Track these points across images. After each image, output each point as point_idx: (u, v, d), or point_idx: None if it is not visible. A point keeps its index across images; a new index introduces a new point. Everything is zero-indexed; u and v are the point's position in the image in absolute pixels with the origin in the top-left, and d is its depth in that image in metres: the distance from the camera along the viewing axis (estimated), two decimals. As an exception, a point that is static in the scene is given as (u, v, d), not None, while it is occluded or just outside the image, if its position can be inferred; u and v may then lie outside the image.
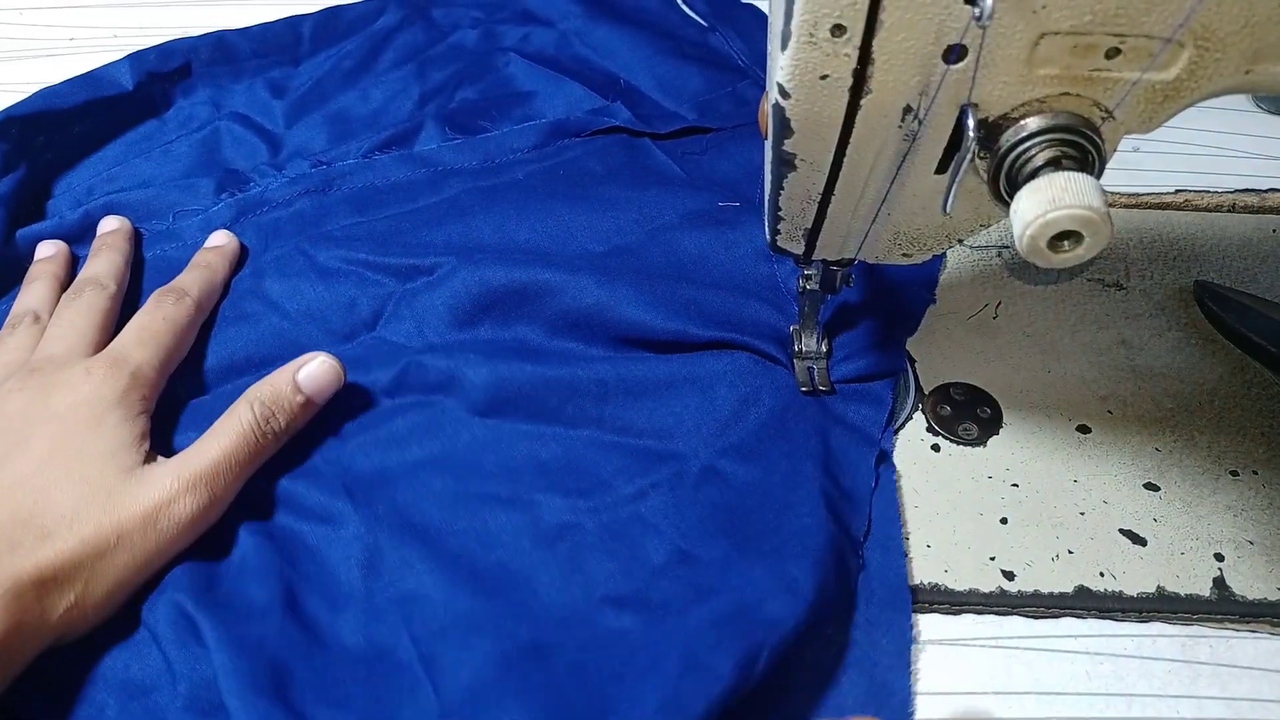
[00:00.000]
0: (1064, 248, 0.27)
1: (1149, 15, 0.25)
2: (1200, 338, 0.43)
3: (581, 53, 0.56)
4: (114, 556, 0.32)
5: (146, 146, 0.51)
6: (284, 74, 0.55)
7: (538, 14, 0.59)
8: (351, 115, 0.53)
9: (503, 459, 0.38)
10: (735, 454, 0.38)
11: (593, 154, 0.50)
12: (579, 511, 0.36)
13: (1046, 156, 0.27)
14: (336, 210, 0.47)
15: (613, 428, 0.39)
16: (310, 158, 0.50)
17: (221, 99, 0.54)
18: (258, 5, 0.59)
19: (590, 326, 0.41)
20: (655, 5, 0.60)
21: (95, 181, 0.49)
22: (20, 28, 0.59)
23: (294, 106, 0.53)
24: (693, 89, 0.54)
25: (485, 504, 0.36)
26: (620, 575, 0.34)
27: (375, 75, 0.55)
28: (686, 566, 0.34)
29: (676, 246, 0.45)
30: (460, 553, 0.35)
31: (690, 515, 0.36)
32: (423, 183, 0.49)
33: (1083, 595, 0.35)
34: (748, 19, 0.59)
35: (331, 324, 0.42)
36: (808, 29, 0.26)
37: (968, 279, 0.46)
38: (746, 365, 0.40)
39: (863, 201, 0.32)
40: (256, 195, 0.47)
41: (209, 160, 0.51)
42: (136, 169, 0.50)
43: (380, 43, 0.57)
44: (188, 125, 0.53)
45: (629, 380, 0.40)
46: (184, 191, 0.48)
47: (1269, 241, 0.47)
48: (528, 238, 0.45)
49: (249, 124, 0.52)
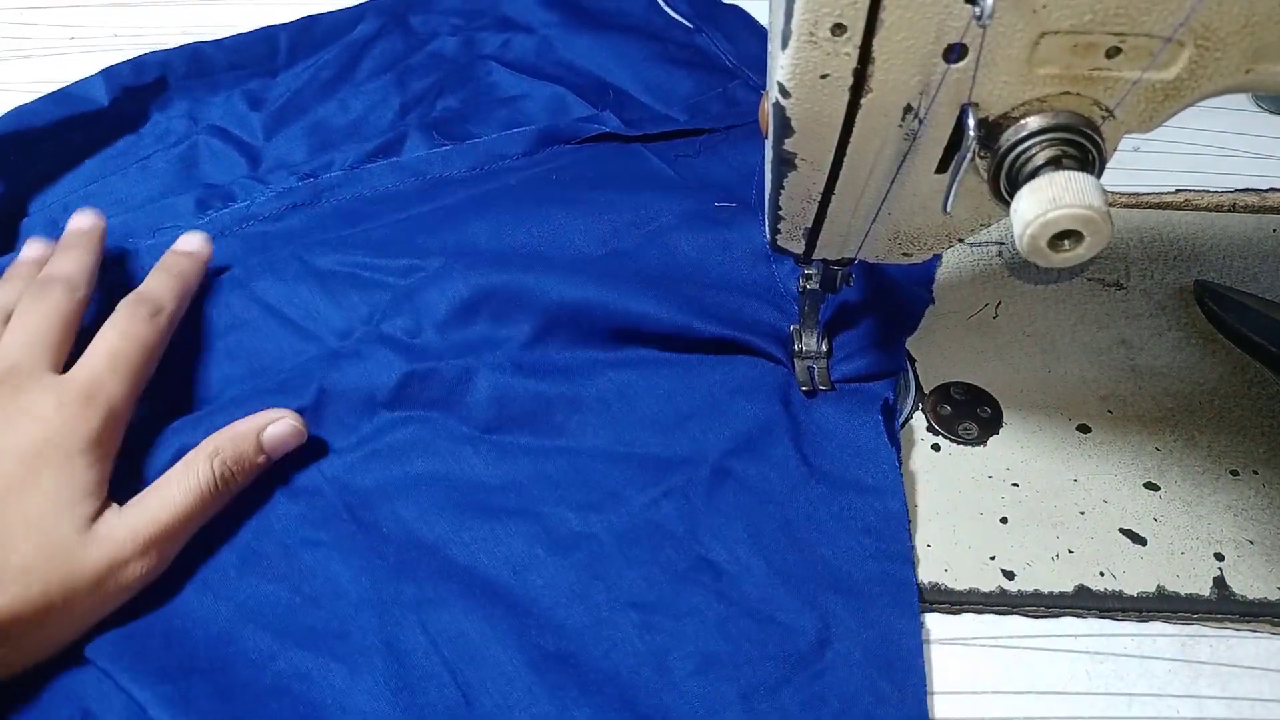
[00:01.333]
0: (1064, 247, 0.27)
1: (1149, 14, 0.25)
2: (1200, 337, 0.43)
3: (565, 57, 0.56)
4: (58, 616, 0.31)
5: (122, 163, 0.50)
6: (261, 85, 0.54)
7: (516, 20, 0.58)
8: (331, 126, 0.52)
9: (508, 474, 0.37)
10: (744, 454, 0.38)
11: (586, 159, 0.50)
12: (592, 523, 0.36)
13: (1047, 156, 0.27)
14: (327, 222, 0.46)
15: (618, 438, 0.38)
16: (291, 169, 0.49)
17: (198, 112, 0.53)
18: (257, 5, 0.59)
19: (591, 320, 0.40)
20: (637, 9, 0.59)
21: (71, 200, 0.48)
22: (20, 27, 0.59)
23: (272, 118, 0.52)
24: (682, 91, 0.54)
25: (493, 514, 0.36)
26: (643, 583, 0.34)
27: (354, 85, 0.54)
28: (710, 574, 0.34)
29: (674, 248, 0.45)
30: (472, 563, 0.35)
31: (708, 522, 0.36)
32: (412, 192, 0.48)
33: (1083, 595, 0.35)
34: (732, 20, 0.59)
35: (330, 321, 0.42)
36: (808, 28, 0.26)
37: (968, 278, 0.46)
38: (747, 365, 0.40)
39: (863, 201, 0.32)
40: (242, 210, 0.46)
41: (187, 176, 0.50)
42: (113, 186, 0.49)
43: (358, 52, 0.56)
44: (164, 140, 0.51)
45: (631, 388, 0.40)
46: (164, 212, 0.46)
47: (1269, 241, 0.47)
48: (524, 242, 0.45)
49: (227, 137, 0.51)
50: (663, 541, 0.35)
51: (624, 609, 0.34)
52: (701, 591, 0.34)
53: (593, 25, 0.57)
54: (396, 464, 0.38)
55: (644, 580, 0.34)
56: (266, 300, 0.42)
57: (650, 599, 0.34)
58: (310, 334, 0.42)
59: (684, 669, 0.32)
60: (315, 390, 0.38)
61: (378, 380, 0.39)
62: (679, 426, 0.39)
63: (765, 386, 0.40)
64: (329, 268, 0.43)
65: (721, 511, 0.36)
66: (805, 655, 0.33)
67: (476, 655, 0.32)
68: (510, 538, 0.35)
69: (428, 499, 0.36)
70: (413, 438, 0.38)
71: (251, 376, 0.40)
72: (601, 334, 0.41)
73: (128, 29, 0.59)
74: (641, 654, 0.32)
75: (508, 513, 0.36)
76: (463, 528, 0.36)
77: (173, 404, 0.39)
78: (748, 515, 0.36)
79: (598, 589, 0.34)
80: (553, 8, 0.58)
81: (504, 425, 0.39)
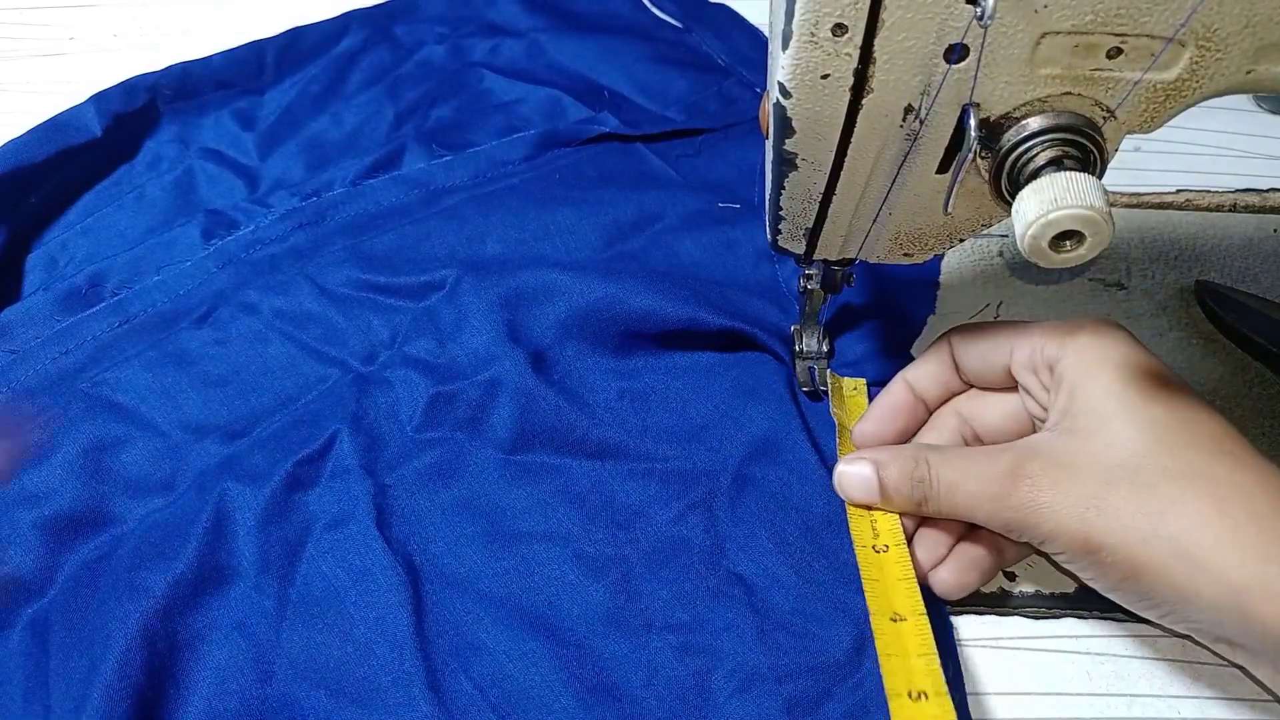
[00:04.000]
0: (1066, 247, 0.27)
1: (1150, 15, 0.25)
2: (1201, 338, 0.43)
3: (556, 60, 0.55)
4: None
5: (117, 192, 0.49)
6: (251, 104, 0.53)
7: (503, 25, 0.58)
8: (326, 141, 0.51)
9: (533, 495, 0.37)
10: (761, 459, 0.37)
11: (586, 161, 0.50)
12: (620, 544, 0.36)
13: (1048, 156, 0.27)
14: (332, 240, 0.45)
15: (637, 454, 0.38)
16: (290, 189, 0.48)
17: (189, 135, 0.52)
18: (256, 5, 0.59)
19: (601, 323, 0.40)
20: (624, 10, 0.59)
21: (69, 236, 0.47)
22: (20, 27, 0.59)
23: (265, 137, 0.52)
24: (676, 91, 0.53)
25: (521, 540, 0.36)
26: (677, 603, 0.34)
27: (345, 98, 0.54)
28: (741, 587, 0.34)
29: (678, 248, 0.45)
30: (506, 595, 0.34)
31: (733, 534, 0.36)
32: (416, 204, 0.47)
33: (1084, 595, 0.35)
34: (721, 18, 0.59)
35: (351, 345, 0.41)
36: (809, 28, 0.26)
37: (969, 279, 0.46)
38: (755, 366, 0.40)
39: (864, 201, 0.32)
40: (248, 236, 0.45)
41: (185, 202, 0.48)
42: (111, 219, 0.48)
43: (346, 64, 0.55)
44: (157, 166, 0.50)
45: (646, 399, 0.39)
46: (170, 248, 0.45)
47: (1270, 241, 0.47)
48: (529, 243, 0.45)
49: (221, 160, 0.50)
50: (691, 558, 0.35)
51: (660, 632, 0.33)
52: (735, 606, 0.34)
53: (581, 28, 0.57)
54: (425, 493, 0.37)
55: (677, 600, 0.34)
56: (283, 328, 0.42)
57: (685, 619, 0.34)
58: (332, 359, 0.41)
59: (726, 689, 0.32)
60: (350, 420, 0.38)
61: (406, 404, 0.39)
62: (695, 437, 0.38)
63: (774, 388, 0.40)
64: (342, 289, 0.43)
65: (745, 522, 0.36)
66: (843, 665, 0.32)
67: (523, 697, 0.32)
68: (542, 565, 0.35)
69: (458, 529, 0.36)
70: (440, 462, 0.38)
71: (280, 408, 0.40)
72: (612, 336, 0.40)
73: (128, 29, 0.59)
74: (683, 678, 0.32)
75: (536, 537, 0.36)
76: (494, 558, 0.35)
77: (205, 436, 0.39)
78: (771, 524, 0.35)
79: (633, 612, 0.34)
80: (539, 12, 0.58)
81: (527, 443, 0.38)
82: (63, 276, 0.45)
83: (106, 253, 0.46)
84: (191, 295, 0.43)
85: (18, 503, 0.36)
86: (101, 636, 0.32)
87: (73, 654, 0.32)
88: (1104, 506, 0.29)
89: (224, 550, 0.35)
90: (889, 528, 0.34)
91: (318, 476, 0.37)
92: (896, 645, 0.31)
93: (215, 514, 0.35)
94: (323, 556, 0.35)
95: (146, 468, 0.38)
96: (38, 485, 0.36)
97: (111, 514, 0.36)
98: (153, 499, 0.37)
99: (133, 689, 0.31)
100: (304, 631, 0.33)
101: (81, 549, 0.35)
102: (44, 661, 0.33)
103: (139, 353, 0.41)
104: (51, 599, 0.34)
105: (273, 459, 0.37)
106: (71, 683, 0.32)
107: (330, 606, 0.34)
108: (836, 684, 0.32)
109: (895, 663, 0.30)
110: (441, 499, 0.37)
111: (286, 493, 0.36)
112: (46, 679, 0.32)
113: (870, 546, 0.34)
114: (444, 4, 0.59)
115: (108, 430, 0.38)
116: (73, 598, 0.34)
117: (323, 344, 0.41)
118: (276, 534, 0.35)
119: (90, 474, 0.37)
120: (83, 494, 0.36)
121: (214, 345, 0.41)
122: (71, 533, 0.36)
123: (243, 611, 0.34)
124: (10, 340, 0.41)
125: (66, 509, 0.36)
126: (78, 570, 0.35)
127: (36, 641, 0.33)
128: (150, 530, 0.35)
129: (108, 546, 0.35)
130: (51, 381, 0.40)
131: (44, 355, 0.41)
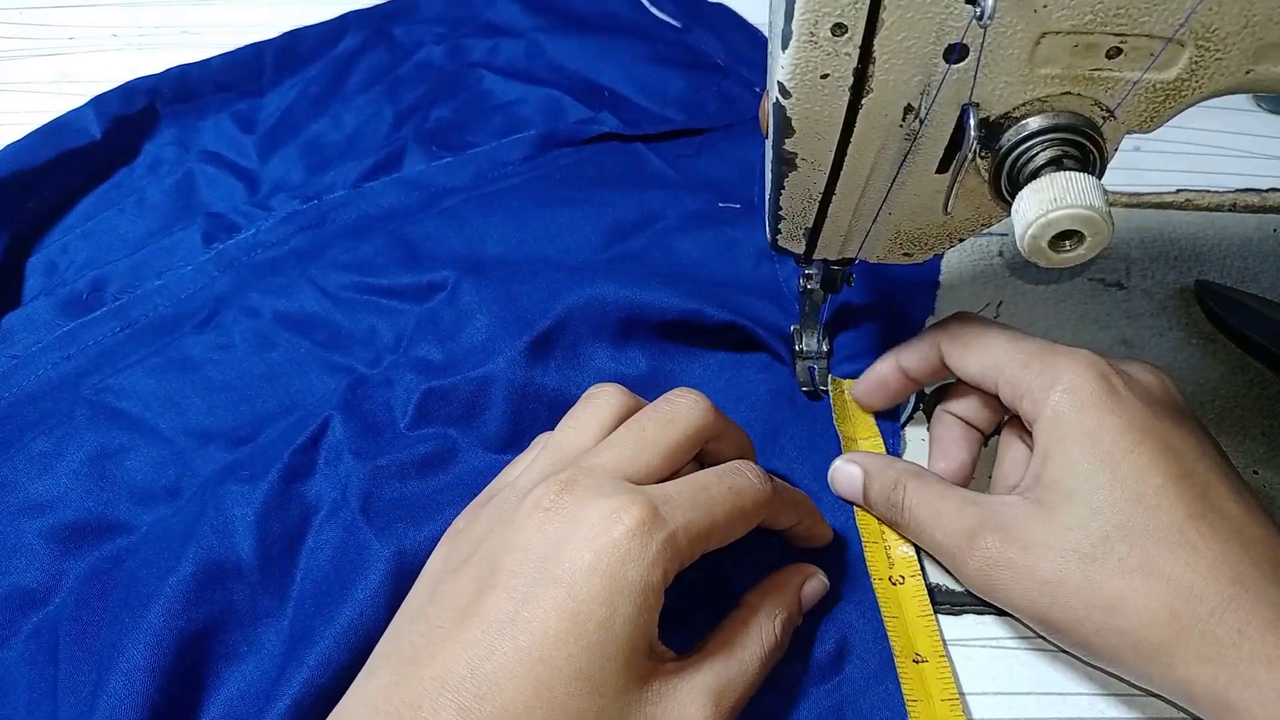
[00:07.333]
0: (1065, 247, 0.27)
1: (1150, 15, 0.25)
2: (1201, 338, 0.43)
3: (555, 60, 0.55)
4: None
5: (117, 196, 0.49)
6: (250, 106, 0.53)
7: (501, 25, 0.57)
8: (326, 143, 0.51)
9: None
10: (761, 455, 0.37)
11: (586, 161, 0.50)
12: None
13: (1048, 156, 0.27)
14: (334, 242, 0.45)
15: None
16: (291, 191, 0.48)
17: (188, 138, 0.52)
18: (255, 5, 0.59)
19: (600, 314, 0.40)
20: (622, 10, 0.59)
21: (70, 240, 0.47)
22: (20, 27, 0.59)
23: (265, 139, 0.52)
24: (675, 91, 0.53)
25: None
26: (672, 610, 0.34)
27: (344, 100, 0.54)
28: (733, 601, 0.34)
29: (678, 248, 0.45)
30: None
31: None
32: (417, 206, 0.47)
33: (1084, 595, 0.35)
34: (720, 18, 0.58)
35: (355, 349, 0.41)
36: (809, 28, 0.26)
37: (969, 279, 0.46)
38: (753, 367, 0.40)
39: (864, 201, 0.32)
40: (249, 239, 0.45)
41: (185, 206, 0.48)
42: (111, 223, 0.47)
43: (345, 66, 0.55)
44: (156, 170, 0.50)
45: (643, 388, 0.39)
46: (171, 252, 0.45)
47: (1270, 241, 0.47)
48: (529, 243, 0.45)
49: (221, 162, 0.50)
50: None
51: None
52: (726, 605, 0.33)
53: (580, 28, 0.57)
54: (415, 480, 0.36)
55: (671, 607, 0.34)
56: (286, 332, 0.42)
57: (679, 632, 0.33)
58: (337, 365, 0.41)
59: None
60: (357, 421, 0.38)
61: (400, 401, 0.39)
62: None
63: (773, 387, 0.40)
64: (344, 292, 0.42)
65: None
66: (824, 667, 0.32)
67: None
68: None
69: (449, 519, 0.35)
70: (433, 453, 0.37)
71: (284, 413, 0.39)
72: (611, 329, 0.40)
73: (128, 29, 0.59)
74: None
75: None
76: None
77: (210, 442, 0.38)
78: (762, 534, 0.35)
79: None
80: (537, 12, 0.58)
81: (519, 442, 0.38)
82: (63, 281, 0.45)
83: (107, 257, 0.46)
84: (193, 299, 0.43)
85: (23, 511, 0.36)
86: (111, 648, 0.31)
87: (82, 666, 0.32)
88: (1057, 596, 0.30)
89: (228, 552, 0.34)
90: (904, 557, 0.35)
91: (313, 465, 0.37)
92: (920, 690, 0.32)
93: (218, 518, 0.35)
94: (321, 549, 0.35)
95: (152, 475, 0.37)
96: (43, 494, 0.36)
97: (118, 522, 0.36)
98: (159, 506, 0.37)
99: (143, 701, 0.31)
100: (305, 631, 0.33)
101: (88, 558, 0.35)
102: (50, 672, 0.32)
103: (142, 358, 0.41)
104: (59, 609, 0.34)
105: (272, 459, 0.37)
106: (81, 695, 0.31)
107: (330, 600, 0.34)
108: (814, 685, 0.32)
109: (920, 708, 0.31)
110: (430, 485, 0.36)
111: (284, 485, 0.36)
112: (53, 690, 0.32)
113: (886, 578, 0.35)
114: (442, 4, 0.58)
115: (112, 438, 0.38)
116: (82, 609, 0.33)
117: (327, 349, 0.41)
118: (277, 529, 0.35)
119: (96, 482, 0.37)
120: (88, 502, 0.36)
121: (217, 350, 0.41)
122: (77, 542, 0.35)
123: (250, 614, 0.34)
124: (11, 345, 0.41)
125: (72, 518, 0.36)
126: (86, 580, 0.34)
127: (42, 651, 0.33)
128: (158, 539, 0.35)
129: (116, 555, 0.35)
130: (53, 387, 0.40)
131: (45, 360, 0.41)
